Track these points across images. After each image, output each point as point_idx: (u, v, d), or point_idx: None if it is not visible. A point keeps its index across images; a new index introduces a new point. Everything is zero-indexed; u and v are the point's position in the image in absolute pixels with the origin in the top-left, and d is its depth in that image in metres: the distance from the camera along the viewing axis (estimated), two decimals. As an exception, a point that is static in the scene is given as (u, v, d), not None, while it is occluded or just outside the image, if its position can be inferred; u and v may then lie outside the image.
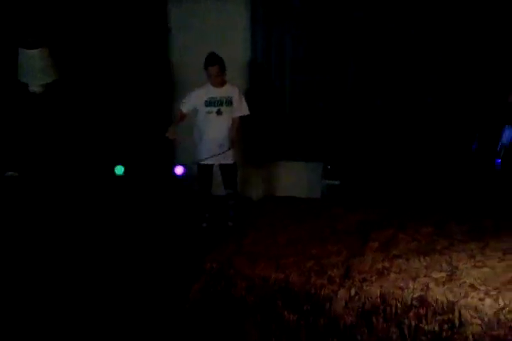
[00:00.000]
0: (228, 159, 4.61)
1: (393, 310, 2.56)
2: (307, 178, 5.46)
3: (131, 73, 5.10)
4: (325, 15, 4.79)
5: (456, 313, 2.49)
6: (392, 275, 2.76)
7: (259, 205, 4.07)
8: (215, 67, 4.29)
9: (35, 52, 3.78)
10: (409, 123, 4.87)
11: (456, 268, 2.87)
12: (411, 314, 2.55)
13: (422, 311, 2.54)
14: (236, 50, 5.10)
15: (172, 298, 3.28)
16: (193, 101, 4.45)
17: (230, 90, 4.45)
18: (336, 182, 5.05)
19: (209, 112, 4.40)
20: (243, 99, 4.54)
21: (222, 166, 4.69)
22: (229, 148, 4.48)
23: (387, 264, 2.91)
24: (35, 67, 3.80)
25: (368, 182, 4.97)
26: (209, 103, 4.39)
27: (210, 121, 4.44)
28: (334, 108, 5.05)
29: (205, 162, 4.56)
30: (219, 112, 4.41)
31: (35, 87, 3.89)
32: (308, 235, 3.32)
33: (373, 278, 2.72)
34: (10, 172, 4.02)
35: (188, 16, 5.26)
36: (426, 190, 4.66)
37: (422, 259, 2.99)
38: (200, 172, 4.70)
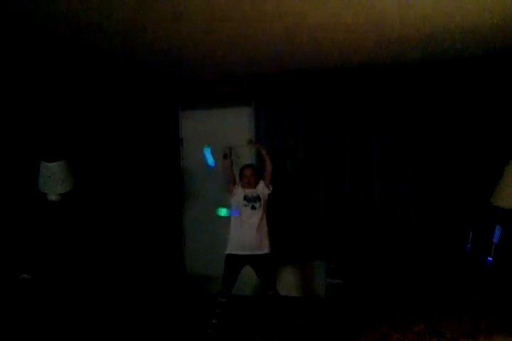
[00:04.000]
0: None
1: None
2: (311, 277, 5.58)
3: (145, 180, 5.52)
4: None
5: None
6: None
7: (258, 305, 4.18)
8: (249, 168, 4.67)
9: (54, 165, 4.19)
10: (407, 225, 5.07)
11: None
12: None
13: None
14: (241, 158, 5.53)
15: None
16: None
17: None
18: (339, 281, 5.17)
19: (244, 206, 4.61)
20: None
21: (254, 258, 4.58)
22: None
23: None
24: (54, 179, 4.18)
25: (368, 280, 5.08)
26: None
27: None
28: (334, 209, 5.30)
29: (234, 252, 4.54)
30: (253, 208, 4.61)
31: (53, 196, 4.27)
32: (303, 335, 3.44)
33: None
34: (24, 275, 4.25)
35: (197, 127, 5.79)
36: (421, 288, 4.75)
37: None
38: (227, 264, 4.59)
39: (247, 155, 5.33)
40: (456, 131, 4.86)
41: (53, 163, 4.19)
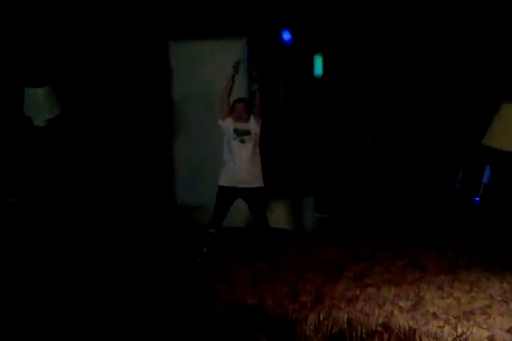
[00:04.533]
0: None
1: (359, 335, 2.72)
2: (300, 211, 5.67)
3: (132, 109, 5.40)
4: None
5: (417, 339, 2.65)
6: (360, 303, 2.94)
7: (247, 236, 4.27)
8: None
9: (39, 90, 4.06)
10: (398, 162, 5.09)
11: (423, 298, 3.07)
12: (375, 339, 2.71)
13: (385, 336, 2.71)
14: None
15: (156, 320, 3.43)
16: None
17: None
18: (327, 216, 5.26)
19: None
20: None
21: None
22: None
23: (357, 292, 3.10)
24: (39, 104, 4.08)
25: (355, 216, 5.16)
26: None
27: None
28: (325, 144, 5.29)
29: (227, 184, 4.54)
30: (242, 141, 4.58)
31: (39, 122, 4.17)
32: (288, 264, 3.52)
33: (342, 305, 2.90)
34: (12, 199, 4.25)
35: (188, 59, 5.60)
36: (407, 225, 4.84)
37: (392, 289, 3.19)
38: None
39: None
40: (449, 68, 4.78)
41: (38, 89, 4.06)
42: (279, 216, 5.58)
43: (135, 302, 3.55)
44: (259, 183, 4.54)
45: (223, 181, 4.54)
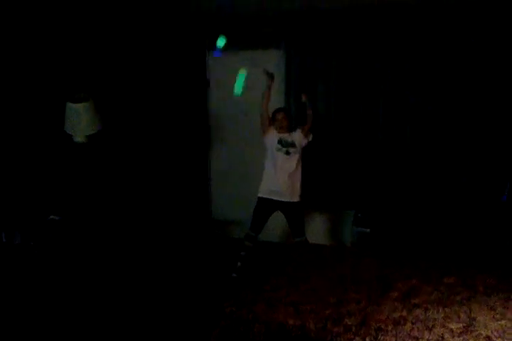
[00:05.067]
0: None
1: (407, 360, 2.59)
2: (339, 226, 5.55)
3: (171, 123, 5.43)
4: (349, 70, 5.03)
5: (471, 365, 2.50)
6: (409, 325, 2.80)
7: (285, 251, 4.17)
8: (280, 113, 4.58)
9: (80, 106, 4.11)
10: (440, 173, 4.92)
11: (474, 319, 2.89)
12: (425, 365, 2.58)
13: (436, 362, 2.56)
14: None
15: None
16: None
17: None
18: (367, 230, 5.11)
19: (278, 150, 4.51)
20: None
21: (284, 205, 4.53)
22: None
23: (404, 314, 2.95)
24: (80, 120, 4.12)
25: (398, 230, 5.01)
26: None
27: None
28: (366, 157, 5.17)
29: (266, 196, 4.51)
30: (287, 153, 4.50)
31: (79, 138, 4.21)
32: (330, 283, 3.40)
33: (389, 328, 2.77)
34: (52, 216, 4.28)
35: (225, 71, 5.58)
36: (453, 240, 4.65)
37: (440, 310, 3.02)
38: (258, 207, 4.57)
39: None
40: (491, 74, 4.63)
41: (79, 104, 4.09)
42: (317, 231, 5.50)
43: (169, 322, 3.51)
44: (297, 198, 4.49)
45: (262, 193, 4.51)
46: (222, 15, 5.07)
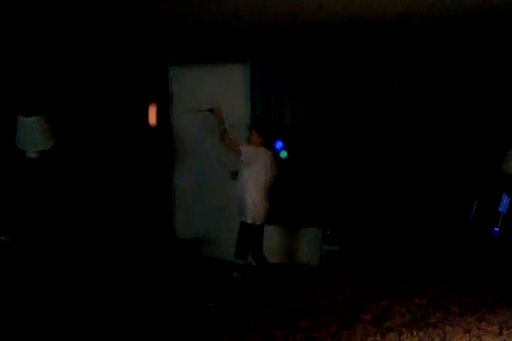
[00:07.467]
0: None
1: (383, 390, 2.45)
2: (306, 244, 5.40)
3: (130, 138, 5.20)
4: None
5: None
6: (383, 351, 2.66)
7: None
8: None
9: (32, 119, 3.86)
10: (409, 191, 4.86)
11: (450, 343, 2.78)
12: None
13: (413, 391, 2.43)
14: (236, 116, 5.18)
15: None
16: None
17: None
18: (336, 248, 4.98)
19: None
20: None
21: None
22: None
23: (378, 338, 2.82)
24: (32, 134, 3.87)
25: (367, 248, 4.91)
26: None
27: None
28: (333, 174, 5.07)
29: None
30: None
31: (31, 154, 3.95)
32: (299, 306, 3.24)
33: (363, 354, 2.62)
34: (2, 237, 4.00)
35: (188, 84, 5.43)
36: (421, 258, 4.58)
37: (414, 333, 2.90)
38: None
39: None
40: (465, 94, 4.61)
41: (31, 118, 3.85)
42: (284, 249, 5.35)
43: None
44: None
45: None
46: (186, 30, 4.96)
